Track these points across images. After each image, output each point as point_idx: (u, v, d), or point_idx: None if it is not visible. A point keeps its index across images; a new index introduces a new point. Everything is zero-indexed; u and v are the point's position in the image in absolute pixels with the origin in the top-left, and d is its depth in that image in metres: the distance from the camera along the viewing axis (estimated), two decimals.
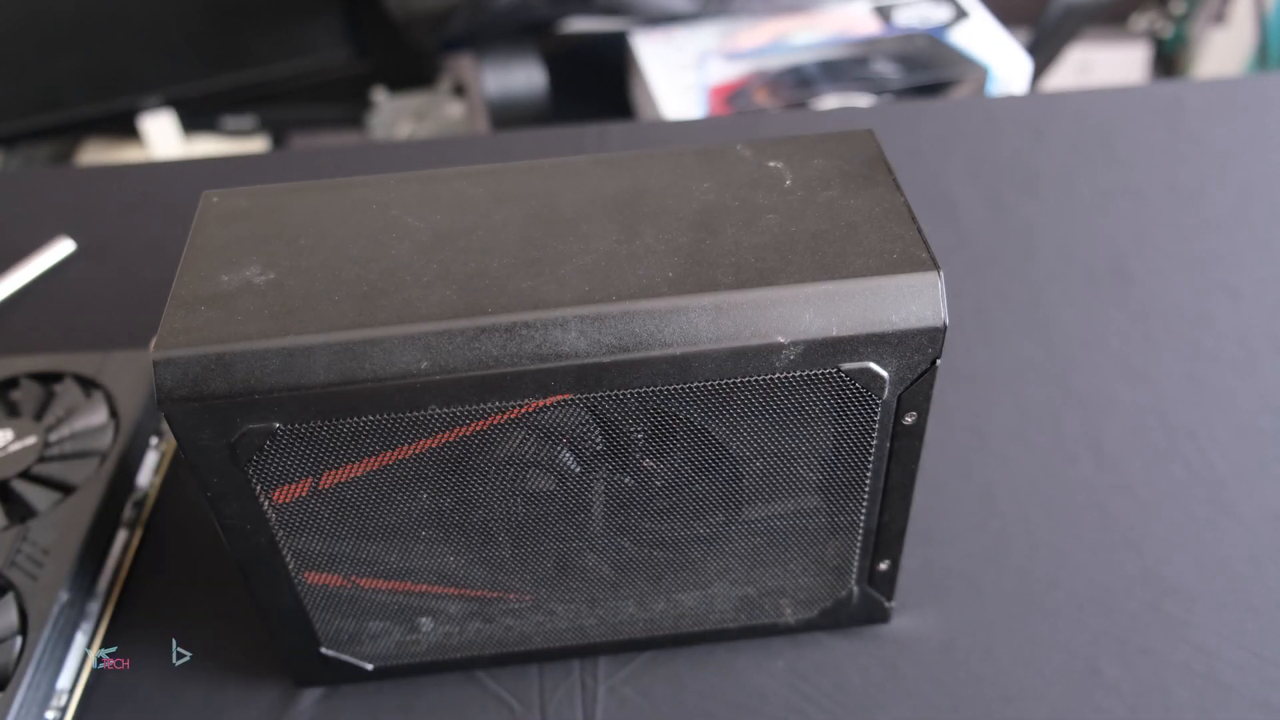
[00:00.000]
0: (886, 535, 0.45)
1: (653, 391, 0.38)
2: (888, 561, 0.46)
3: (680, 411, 0.39)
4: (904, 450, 0.41)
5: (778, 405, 0.39)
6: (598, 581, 0.45)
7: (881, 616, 0.49)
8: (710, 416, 0.39)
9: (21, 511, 0.52)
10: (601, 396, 0.38)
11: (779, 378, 0.38)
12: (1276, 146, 0.78)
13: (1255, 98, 0.84)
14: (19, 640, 0.46)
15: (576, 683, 0.48)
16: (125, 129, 1.54)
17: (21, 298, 0.72)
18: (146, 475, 0.57)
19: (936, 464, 0.57)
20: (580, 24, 1.26)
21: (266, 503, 0.40)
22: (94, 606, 0.51)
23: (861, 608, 0.48)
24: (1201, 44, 1.80)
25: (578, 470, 0.41)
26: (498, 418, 0.38)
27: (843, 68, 1.16)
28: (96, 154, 1.61)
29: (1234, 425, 0.58)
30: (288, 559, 0.42)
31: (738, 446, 0.40)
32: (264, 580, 0.43)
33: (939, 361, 0.38)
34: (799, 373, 0.38)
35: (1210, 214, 0.72)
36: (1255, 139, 0.79)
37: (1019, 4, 1.42)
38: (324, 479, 0.40)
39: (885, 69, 1.16)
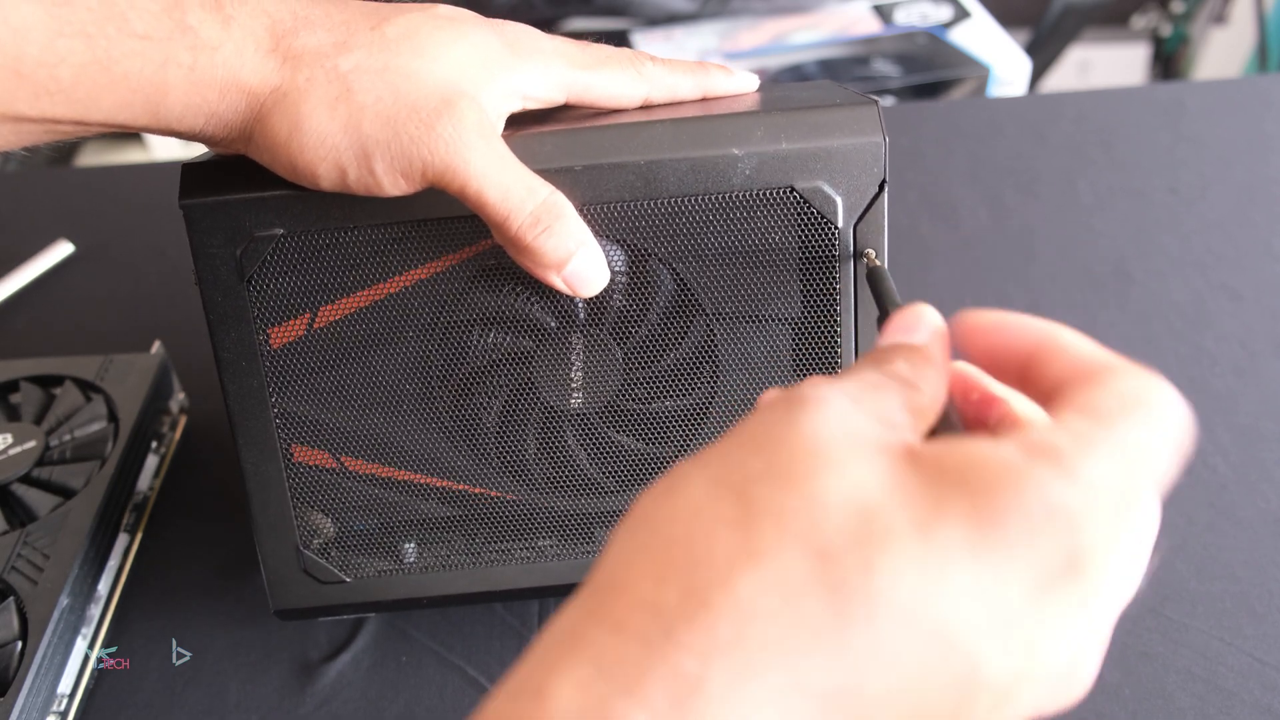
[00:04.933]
0: None
1: (622, 207, 0.41)
2: None
3: (649, 240, 0.42)
4: (869, 300, 0.43)
5: (739, 230, 0.42)
6: (579, 482, 0.46)
7: None
8: (676, 244, 0.42)
9: (21, 515, 0.52)
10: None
11: (737, 195, 0.41)
12: (1277, 148, 0.78)
13: (1256, 99, 0.84)
14: (19, 645, 0.46)
15: None
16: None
17: (20, 301, 0.72)
18: (146, 479, 0.57)
19: None
20: (580, 24, 1.25)
21: (262, 339, 0.43)
22: (94, 610, 0.51)
23: None
24: (1201, 44, 1.80)
25: (555, 325, 0.43)
26: (484, 243, 0.42)
27: (843, 67, 1.16)
28: (96, 155, 1.61)
29: (1235, 428, 0.58)
30: (275, 424, 0.44)
31: (706, 292, 0.43)
32: (253, 448, 0.44)
33: (886, 189, 0.41)
34: (755, 190, 0.41)
35: (1211, 215, 0.72)
36: (1256, 140, 0.79)
37: (1019, 4, 1.42)
38: (319, 317, 0.43)
39: (885, 69, 1.15)
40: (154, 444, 0.59)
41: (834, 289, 0.43)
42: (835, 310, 0.43)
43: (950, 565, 0.21)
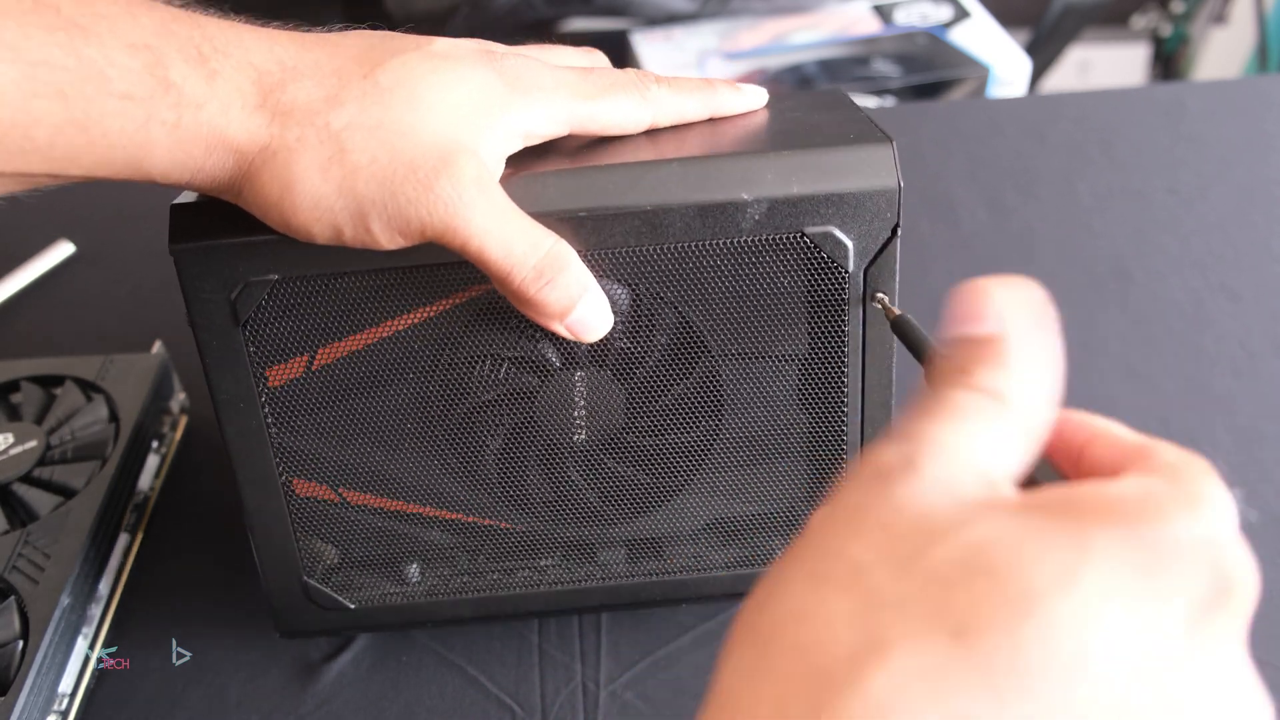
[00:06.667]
0: None
1: (627, 252, 0.40)
2: None
3: (654, 284, 0.41)
4: (877, 340, 0.42)
5: (747, 275, 0.41)
6: (582, 512, 0.45)
7: None
8: (682, 288, 0.41)
9: (22, 515, 0.52)
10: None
11: (746, 240, 0.40)
12: (1277, 148, 0.78)
13: (1256, 99, 0.84)
14: (20, 645, 0.46)
15: (578, 687, 0.48)
16: None
17: (21, 301, 0.72)
18: (147, 479, 0.57)
19: None
20: (580, 24, 1.25)
21: (260, 380, 0.42)
22: (95, 610, 0.51)
23: None
24: (1201, 44, 1.80)
25: (558, 364, 0.43)
26: (484, 286, 0.40)
27: (843, 67, 1.16)
28: None
29: (1235, 429, 0.58)
30: (275, 460, 0.43)
31: (712, 333, 0.42)
32: (253, 483, 0.44)
33: (899, 233, 0.40)
34: (764, 236, 0.40)
35: (1211, 216, 0.72)
36: (1256, 141, 0.79)
37: (1019, 4, 1.42)
38: (317, 358, 0.42)
39: (885, 69, 1.16)
40: (155, 444, 0.59)
41: (842, 331, 0.42)
42: (843, 351, 0.42)
43: (1106, 608, 0.20)
